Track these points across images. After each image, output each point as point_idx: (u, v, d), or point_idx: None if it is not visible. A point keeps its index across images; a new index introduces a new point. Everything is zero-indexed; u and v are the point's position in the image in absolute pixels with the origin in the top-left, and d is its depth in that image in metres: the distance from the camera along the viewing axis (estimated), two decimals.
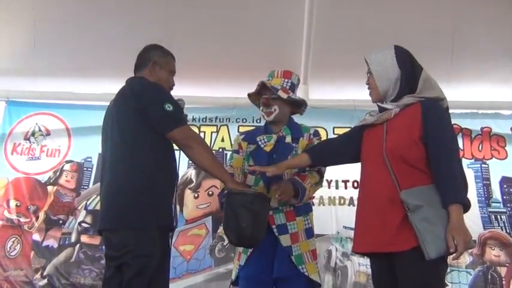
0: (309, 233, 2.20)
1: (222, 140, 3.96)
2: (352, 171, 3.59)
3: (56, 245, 3.74)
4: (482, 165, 3.86)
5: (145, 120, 1.94)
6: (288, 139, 2.25)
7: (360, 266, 3.49)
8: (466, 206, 1.63)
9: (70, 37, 3.63)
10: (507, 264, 3.57)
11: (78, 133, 4.04)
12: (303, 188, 2.11)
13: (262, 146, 2.23)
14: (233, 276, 2.25)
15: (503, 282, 3.52)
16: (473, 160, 3.87)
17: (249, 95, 2.41)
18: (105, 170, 2.03)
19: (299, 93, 3.26)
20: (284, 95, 2.23)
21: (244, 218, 1.90)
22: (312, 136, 2.29)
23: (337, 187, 3.78)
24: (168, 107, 1.94)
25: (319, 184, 2.23)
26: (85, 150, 3.99)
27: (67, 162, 4.00)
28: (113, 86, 2.13)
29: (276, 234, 2.12)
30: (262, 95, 2.29)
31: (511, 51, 3.58)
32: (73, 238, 3.76)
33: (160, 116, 1.94)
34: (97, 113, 3.82)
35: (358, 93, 3.69)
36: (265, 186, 2.18)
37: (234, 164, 2.31)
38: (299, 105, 2.35)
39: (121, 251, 1.85)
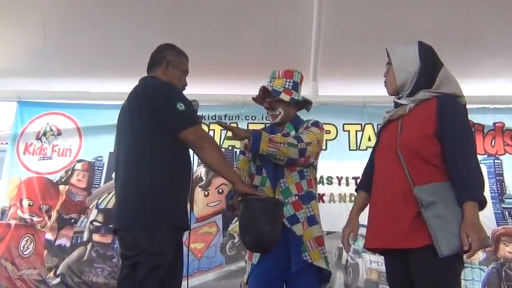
0: (311, 220, 2.20)
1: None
2: (362, 168, 3.61)
3: (68, 244, 3.76)
4: (495, 161, 3.81)
5: (158, 120, 1.95)
6: (292, 135, 2.27)
7: (372, 263, 3.47)
8: (482, 204, 1.61)
9: (80, 37, 3.64)
10: None
11: (89, 132, 4.06)
12: (258, 136, 2.09)
13: (255, 153, 2.23)
14: (246, 275, 2.25)
15: None
16: (486, 156, 3.82)
17: (254, 99, 2.44)
18: (119, 171, 2.04)
19: (308, 91, 3.25)
20: (286, 97, 2.24)
21: (266, 223, 1.94)
22: (309, 124, 2.29)
23: (347, 184, 3.75)
24: (180, 107, 1.94)
25: (291, 146, 2.13)
26: (96, 149, 4.01)
27: (78, 161, 4.03)
28: (123, 85, 2.14)
29: (289, 226, 2.13)
30: (266, 98, 2.32)
31: None
32: (85, 237, 3.78)
33: (172, 116, 1.95)
34: (108, 112, 3.90)
35: (368, 90, 3.70)
36: (271, 185, 2.22)
37: (240, 165, 2.34)
38: (304, 103, 2.36)
39: (135, 250, 1.86)
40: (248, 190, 2.05)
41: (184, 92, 2.28)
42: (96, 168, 3.99)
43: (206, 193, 3.83)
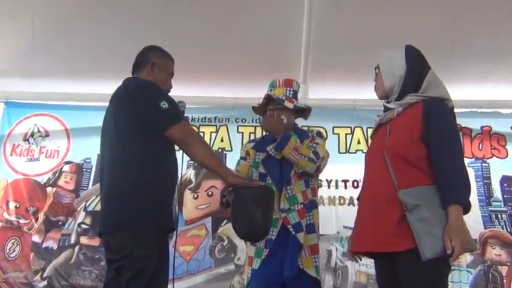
0: (310, 228, 2.27)
1: (222, 140, 3.95)
2: (352, 171, 3.64)
3: (55, 247, 3.73)
4: (483, 164, 3.85)
5: (141, 120, 1.92)
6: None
7: (361, 266, 3.48)
8: (466, 207, 1.61)
9: (68, 38, 3.61)
10: (508, 264, 3.56)
11: (77, 134, 4.03)
12: (287, 138, 2.20)
13: (273, 154, 2.30)
14: (245, 282, 2.28)
15: (504, 281, 3.51)
16: (473, 159, 3.86)
17: (253, 107, 2.50)
18: (104, 173, 2.01)
19: (298, 93, 3.25)
20: (290, 105, 2.33)
21: (256, 211, 1.93)
22: (315, 135, 2.39)
23: (337, 187, 3.77)
24: (164, 105, 1.92)
25: (311, 161, 2.24)
26: (84, 151, 3.98)
27: (66, 163, 3.99)
28: (112, 87, 2.11)
29: (293, 233, 2.19)
30: (268, 107, 2.37)
31: (511, 51, 3.57)
32: (72, 239, 3.75)
33: (156, 114, 1.92)
34: (96, 114, 3.84)
35: (358, 93, 3.72)
36: (277, 191, 2.25)
37: (240, 169, 2.39)
38: (303, 111, 2.44)
39: (119, 253, 1.84)
40: (240, 181, 2.04)
41: (175, 94, 2.27)
42: (84, 170, 3.96)
43: (195, 195, 3.81)
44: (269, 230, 2.05)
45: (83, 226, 3.78)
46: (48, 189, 3.91)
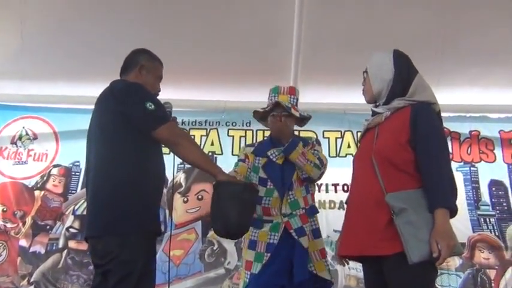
0: (316, 233, 2.34)
1: (212, 144, 3.94)
2: (342, 175, 3.64)
3: (43, 251, 3.68)
4: (471, 168, 3.88)
5: (127, 122, 1.91)
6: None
7: (351, 270, 3.48)
8: (453, 211, 1.62)
9: (57, 40, 3.58)
10: (496, 267, 3.59)
11: (66, 137, 3.99)
12: (296, 143, 2.29)
13: (274, 159, 2.37)
14: (242, 286, 2.28)
15: (493, 285, 3.54)
16: (462, 163, 3.89)
17: (255, 111, 2.54)
18: (90, 176, 1.99)
19: None
20: (296, 113, 2.43)
21: (233, 207, 1.90)
22: (314, 142, 2.49)
23: (327, 191, 3.77)
24: (150, 106, 1.90)
25: (316, 167, 2.32)
26: (73, 154, 3.93)
27: (54, 166, 3.95)
28: (101, 90, 2.09)
29: (296, 237, 2.23)
30: (271, 112, 2.43)
31: (500, 55, 3.61)
32: (60, 244, 3.71)
33: (143, 116, 1.90)
34: (85, 117, 3.75)
35: (349, 97, 3.73)
36: (279, 196, 2.30)
37: (239, 170, 2.42)
38: (303, 119, 2.52)
39: (105, 258, 1.82)
40: (230, 179, 2.03)
41: (166, 96, 2.28)
42: (73, 173, 3.92)
43: (185, 199, 3.79)
44: (247, 226, 2.03)
45: (71, 230, 3.74)
46: (36, 192, 3.86)
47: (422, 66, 1.91)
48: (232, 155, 3.83)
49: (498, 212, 3.77)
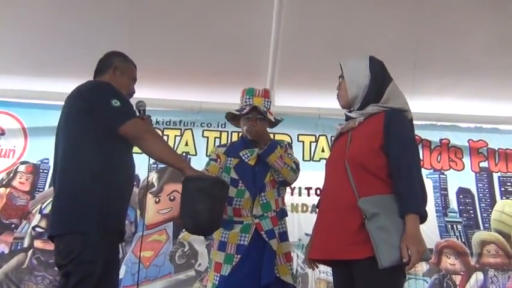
0: (283, 236, 2.35)
1: (186, 144, 3.91)
2: (315, 178, 3.67)
3: (7, 251, 3.56)
4: (441, 176, 3.98)
5: (94, 121, 1.89)
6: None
7: (321, 274, 3.51)
8: (423, 217, 1.64)
9: (27, 33, 3.49)
10: (462, 273, 3.68)
11: (34, 133, 3.89)
12: (275, 146, 2.30)
13: (246, 160, 2.37)
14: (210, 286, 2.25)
15: None
16: (432, 170, 3.98)
17: (229, 113, 2.52)
18: (56, 175, 1.96)
19: None
20: (272, 117, 2.45)
21: (201, 202, 1.85)
22: (287, 146, 2.52)
23: (300, 194, 3.79)
24: (115, 103, 1.89)
25: (293, 171, 2.36)
26: (42, 151, 3.83)
27: (22, 163, 3.84)
28: (72, 85, 2.06)
29: (266, 239, 2.23)
30: (245, 115, 2.41)
31: (472, 66, 3.71)
32: (26, 243, 3.60)
33: (108, 113, 1.89)
34: (55, 113, 3.64)
35: (323, 102, 3.77)
36: (251, 197, 2.30)
37: (210, 169, 2.40)
38: (276, 123, 2.53)
39: (67, 258, 1.78)
40: (199, 174, 2.01)
41: (142, 96, 2.27)
42: (41, 171, 3.82)
43: (157, 200, 3.74)
44: (218, 222, 1.99)
45: (38, 229, 3.63)
46: (1, 190, 3.74)
47: (396, 76, 1.93)
48: (207, 156, 3.80)
49: (465, 219, 3.87)
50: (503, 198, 3.95)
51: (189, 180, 1.91)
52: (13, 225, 3.65)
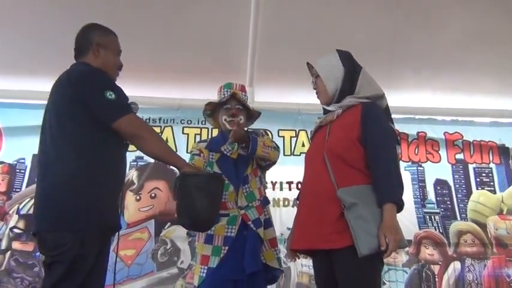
0: (267, 223, 2.36)
1: (166, 141, 3.87)
2: (296, 173, 3.68)
3: None
4: (418, 168, 4.06)
5: (86, 112, 1.79)
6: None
7: (303, 267, 3.54)
8: (400, 206, 1.69)
9: (5, 32, 3.41)
10: (440, 263, 3.77)
11: (10, 133, 3.81)
12: (256, 140, 2.29)
13: (228, 154, 2.37)
14: (196, 282, 2.24)
15: (436, 279, 3.72)
16: (410, 163, 4.06)
17: (208, 104, 2.52)
18: (42, 168, 1.84)
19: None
20: (250, 106, 2.48)
21: (199, 198, 1.85)
22: (264, 133, 2.58)
23: (281, 189, 3.82)
24: (110, 95, 1.79)
25: (276, 149, 2.39)
26: (18, 151, 3.76)
27: None
28: (49, 84, 1.98)
29: (254, 228, 2.26)
30: (224, 105, 2.43)
31: (448, 60, 3.78)
32: (3, 245, 3.53)
33: (102, 106, 1.79)
34: (32, 112, 3.68)
35: (303, 97, 3.79)
36: (234, 190, 2.32)
37: (195, 163, 2.39)
38: (256, 115, 2.56)
39: (54, 250, 1.70)
40: (195, 171, 2.00)
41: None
42: (17, 170, 3.75)
43: (138, 197, 3.72)
44: (214, 218, 2.01)
45: (16, 230, 3.57)
46: None
47: (374, 71, 1.97)
48: (187, 152, 3.76)
49: (442, 209, 3.96)
50: (479, 188, 4.06)
51: (186, 176, 1.90)
52: None
